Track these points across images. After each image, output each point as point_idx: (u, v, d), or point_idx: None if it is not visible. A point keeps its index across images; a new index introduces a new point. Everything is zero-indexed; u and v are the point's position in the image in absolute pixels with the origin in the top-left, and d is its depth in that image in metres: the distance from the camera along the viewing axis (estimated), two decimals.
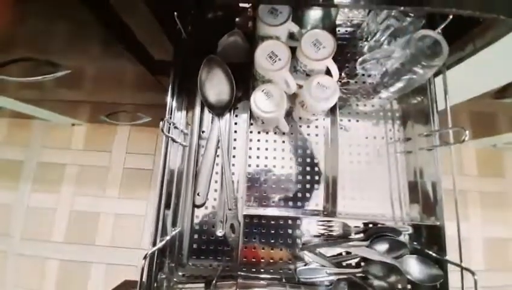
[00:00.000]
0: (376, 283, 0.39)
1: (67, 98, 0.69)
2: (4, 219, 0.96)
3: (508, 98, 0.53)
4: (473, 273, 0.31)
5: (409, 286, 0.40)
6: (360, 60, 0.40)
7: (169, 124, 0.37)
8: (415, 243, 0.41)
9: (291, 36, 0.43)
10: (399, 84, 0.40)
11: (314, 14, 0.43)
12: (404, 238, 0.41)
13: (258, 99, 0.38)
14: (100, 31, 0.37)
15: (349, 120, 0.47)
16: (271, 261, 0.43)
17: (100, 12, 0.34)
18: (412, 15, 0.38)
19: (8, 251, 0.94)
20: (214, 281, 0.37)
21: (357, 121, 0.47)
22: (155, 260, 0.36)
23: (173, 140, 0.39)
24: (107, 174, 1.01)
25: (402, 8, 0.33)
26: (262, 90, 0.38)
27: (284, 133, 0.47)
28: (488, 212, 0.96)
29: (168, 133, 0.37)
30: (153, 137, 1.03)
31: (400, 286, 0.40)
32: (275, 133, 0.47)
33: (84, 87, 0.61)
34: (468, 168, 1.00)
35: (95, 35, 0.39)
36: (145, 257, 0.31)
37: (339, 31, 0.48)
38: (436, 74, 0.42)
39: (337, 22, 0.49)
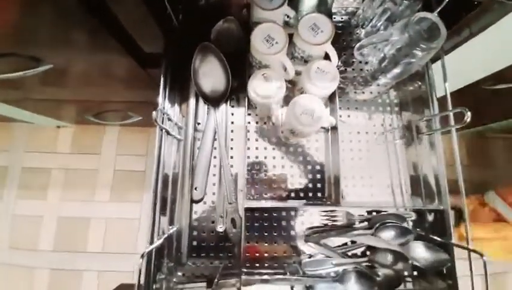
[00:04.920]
0: (382, 271, 0.38)
1: (50, 96, 0.65)
2: None
3: (501, 84, 0.53)
4: (481, 255, 0.30)
5: (415, 273, 0.40)
6: (357, 45, 0.39)
7: (163, 115, 0.35)
8: (419, 229, 0.41)
9: (287, 24, 0.41)
10: (397, 70, 0.39)
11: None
12: (408, 225, 0.41)
13: (256, 83, 0.37)
14: (85, 19, 0.34)
15: (348, 108, 0.46)
16: (274, 255, 0.41)
17: None
18: None
19: None
20: (216, 280, 0.35)
21: (356, 108, 0.46)
22: (153, 260, 0.34)
23: (167, 132, 0.37)
24: (96, 177, 0.97)
25: None
26: (263, 74, 0.37)
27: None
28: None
29: (162, 124, 0.35)
30: (144, 138, 0.99)
31: (406, 273, 0.40)
32: (273, 124, 0.46)
33: (69, 83, 0.58)
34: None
35: (78, 24, 0.36)
36: (142, 256, 0.29)
37: (334, 18, 0.48)
38: (433, 60, 0.42)
39: (332, 10, 0.48)
